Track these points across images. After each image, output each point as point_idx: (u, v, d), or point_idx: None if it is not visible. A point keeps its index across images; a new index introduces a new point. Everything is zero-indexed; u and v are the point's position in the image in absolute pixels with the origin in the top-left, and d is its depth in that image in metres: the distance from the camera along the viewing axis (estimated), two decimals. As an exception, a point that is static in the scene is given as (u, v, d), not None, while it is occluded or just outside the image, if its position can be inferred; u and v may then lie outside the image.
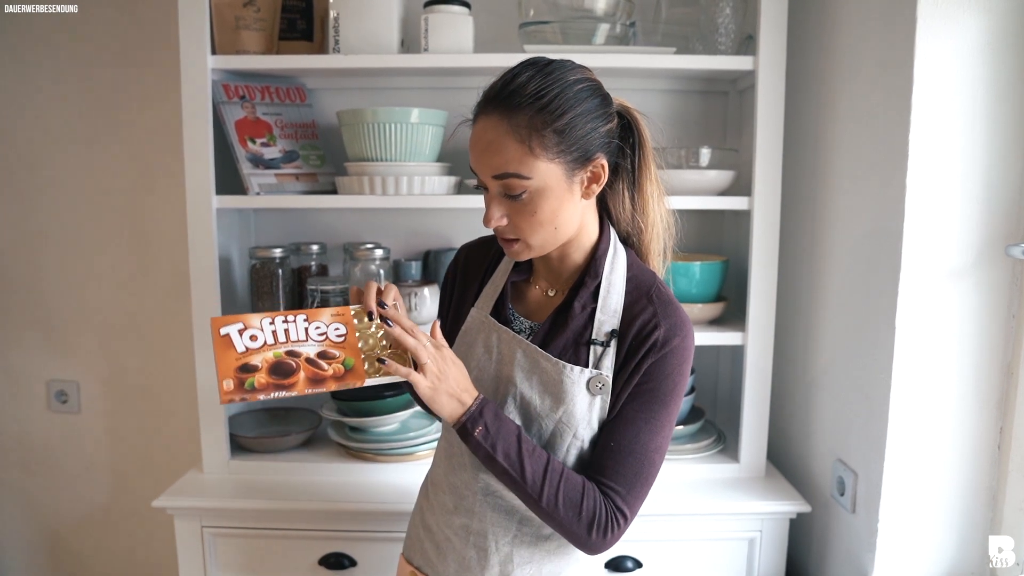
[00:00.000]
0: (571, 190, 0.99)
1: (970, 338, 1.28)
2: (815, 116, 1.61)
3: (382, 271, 1.69)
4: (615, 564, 1.53)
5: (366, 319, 1.02)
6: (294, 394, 0.95)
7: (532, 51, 1.59)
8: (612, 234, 1.09)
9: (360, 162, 1.63)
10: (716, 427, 1.81)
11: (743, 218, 1.67)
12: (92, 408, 2.09)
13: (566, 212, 1.00)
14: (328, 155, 1.79)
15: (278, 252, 1.69)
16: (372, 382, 0.98)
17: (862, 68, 1.41)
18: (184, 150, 1.55)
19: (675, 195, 1.60)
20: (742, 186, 1.66)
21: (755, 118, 1.54)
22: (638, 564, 1.53)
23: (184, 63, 1.54)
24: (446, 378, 0.97)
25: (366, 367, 0.98)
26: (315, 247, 1.79)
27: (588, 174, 1.00)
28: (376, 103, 1.75)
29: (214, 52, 1.58)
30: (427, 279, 1.81)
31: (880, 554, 1.34)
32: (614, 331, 1.03)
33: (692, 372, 1.73)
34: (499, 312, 1.10)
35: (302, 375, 0.95)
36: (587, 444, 1.04)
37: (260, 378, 0.94)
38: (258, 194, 1.62)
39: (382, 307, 0.99)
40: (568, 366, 1.02)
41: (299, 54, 1.68)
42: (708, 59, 1.59)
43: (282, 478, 1.65)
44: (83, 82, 1.94)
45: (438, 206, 1.62)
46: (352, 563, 1.55)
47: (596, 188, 1.02)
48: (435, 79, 1.78)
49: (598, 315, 1.04)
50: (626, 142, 1.05)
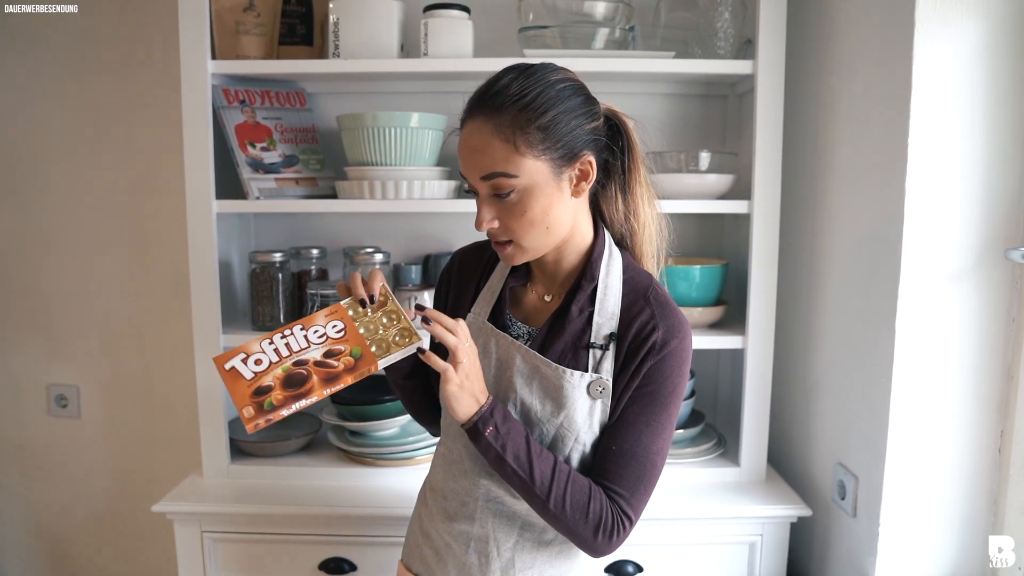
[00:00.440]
0: (560, 188, 0.99)
1: (970, 341, 1.28)
2: (814, 119, 1.62)
3: (384, 275, 1.69)
4: (616, 568, 1.52)
5: (360, 309, 1.03)
6: (315, 399, 0.95)
7: (531, 55, 1.59)
8: (606, 237, 1.09)
9: (360, 166, 1.63)
10: (716, 431, 1.81)
11: (743, 222, 1.67)
12: (92, 413, 2.09)
13: (557, 211, 1.00)
14: (328, 159, 1.80)
15: (278, 256, 1.69)
16: (385, 363, 0.99)
17: (861, 72, 1.42)
18: (184, 154, 1.56)
19: (675, 199, 1.62)
20: (742, 190, 1.66)
21: (754, 122, 1.55)
22: (639, 568, 1.53)
23: (184, 68, 1.54)
24: (473, 378, 0.98)
25: (374, 350, 0.99)
26: (315, 251, 1.79)
27: (576, 172, 1.00)
28: (376, 107, 1.75)
29: (214, 57, 1.59)
30: (427, 283, 1.81)
31: (881, 558, 1.33)
32: (612, 334, 1.03)
33: (692, 376, 1.73)
34: (496, 317, 1.10)
35: (315, 379, 0.96)
36: (589, 448, 1.04)
37: (276, 395, 0.94)
38: (258, 198, 1.62)
39: (371, 300, 1.03)
40: (568, 371, 1.02)
41: (299, 59, 1.69)
42: (707, 63, 1.60)
43: (282, 482, 1.65)
44: (84, 87, 1.95)
45: (438, 210, 1.63)
46: (352, 567, 1.55)
47: (585, 186, 1.02)
48: (435, 83, 1.79)
49: (596, 318, 1.04)
50: (615, 145, 1.06)
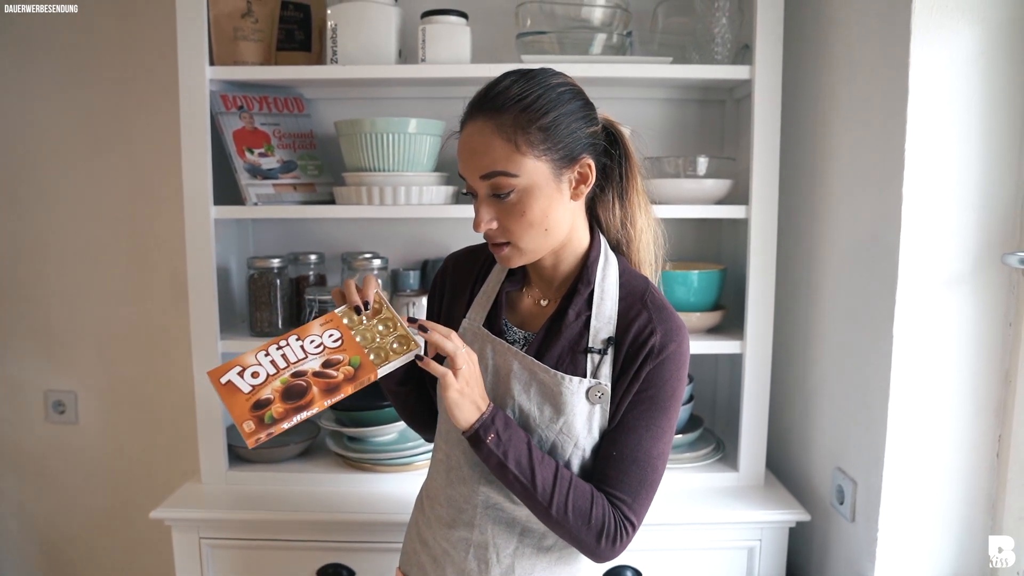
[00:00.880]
0: (560, 190, 1.00)
1: (967, 346, 1.28)
2: (812, 124, 1.62)
3: (380, 280, 1.68)
4: (615, 574, 1.52)
5: (355, 317, 1.02)
6: (316, 410, 0.94)
7: (529, 61, 1.59)
8: (603, 241, 1.09)
9: (358, 172, 1.63)
10: (715, 435, 1.81)
11: (741, 226, 1.67)
12: (90, 419, 2.08)
13: (556, 213, 1.00)
14: (326, 165, 1.80)
15: (276, 262, 1.69)
16: (384, 371, 0.98)
17: (858, 77, 1.42)
18: (182, 160, 1.56)
19: (673, 204, 1.62)
20: (739, 194, 1.67)
21: (752, 127, 1.55)
22: (637, 574, 1.53)
23: (182, 74, 1.54)
24: (474, 384, 0.98)
25: (372, 358, 0.99)
26: (313, 257, 1.79)
27: (575, 174, 1.01)
28: (374, 113, 1.75)
29: (212, 63, 1.59)
30: (425, 288, 1.81)
31: (880, 563, 1.33)
32: (610, 338, 1.03)
33: (691, 380, 1.73)
34: (492, 323, 1.10)
35: (315, 390, 0.95)
36: (588, 453, 1.04)
37: (276, 408, 0.93)
38: (256, 204, 1.62)
39: (365, 306, 1.03)
40: (567, 377, 1.02)
41: (297, 64, 1.69)
42: (705, 68, 1.60)
43: (280, 488, 1.64)
44: (82, 93, 1.95)
45: (436, 216, 1.63)
46: (351, 574, 1.54)
47: (584, 189, 1.02)
48: (433, 89, 1.79)
49: (593, 322, 1.04)
50: (612, 154, 1.06)
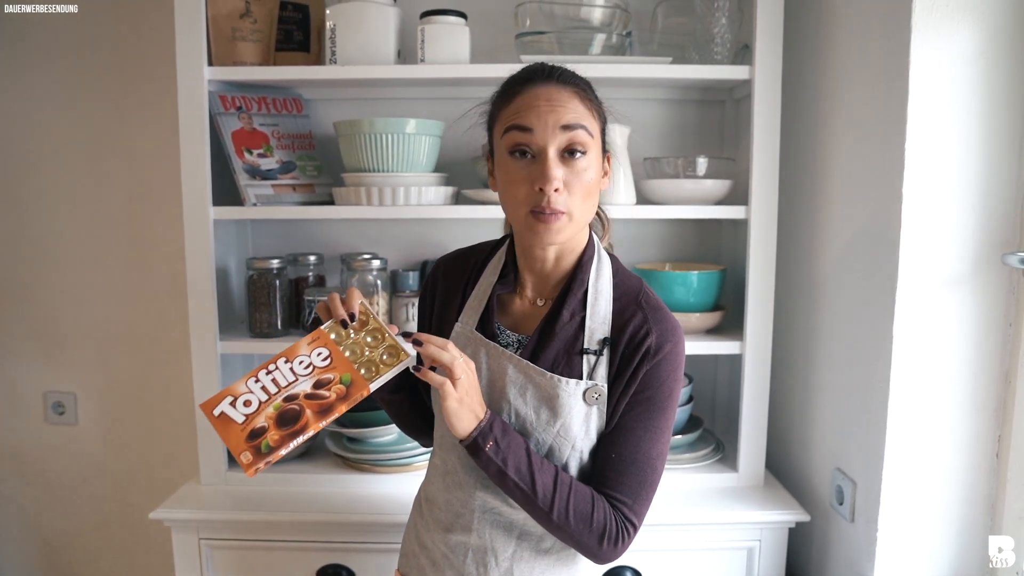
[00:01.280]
0: (600, 169, 1.03)
1: (967, 346, 1.28)
2: (811, 125, 1.62)
3: (379, 281, 1.69)
4: (614, 574, 1.52)
5: (342, 331, 1.02)
6: (311, 433, 0.94)
7: (528, 61, 1.58)
8: (596, 241, 1.09)
9: (357, 172, 1.63)
10: (715, 436, 1.81)
11: (740, 227, 1.67)
12: (89, 420, 2.08)
13: (597, 192, 1.03)
14: (325, 166, 1.79)
15: (275, 263, 1.68)
16: (376, 385, 0.98)
17: (858, 77, 1.42)
18: (181, 161, 1.56)
19: (672, 204, 1.62)
20: (739, 195, 1.67)
21: (752, 127, 1.55)
22: (637, 574, 1.53)
23: (181, 74, 1.54)
24: (472, 392, 0.97)
25: (363, 373, 0.98)
26: (312, 258, 1.78)
27: (604, 166, 1.05)
28: (373, 114, 1.75)
29: (211, 63, 1.58)
30: (425, 289, 1.81)
31: (879, 563, 1.33)
32: (606, 339, 1.03)
33: (690, 381, 1.73)
34: (484, 326, 1.08)
35: (309, 412, 0.95)
36: (586, 455, 1.04)
37: (272, 436, 0.93)
38: (255, 205, 1.62)
39: (351, 318, 1.03)
40: (563, 380, 1.01)
41: (296, 65, 1.68)
42: (704, 68, 1.60)
43: (280, 489, 1.64)
44: (80, 93, 1.94)
45: (435, 216, 1.62)
46: (350, 574, 1.54)
47: (604, 183, 1.05)
48: (432, 89, 1.79)
49: (588, 323, 1.03)
50: None
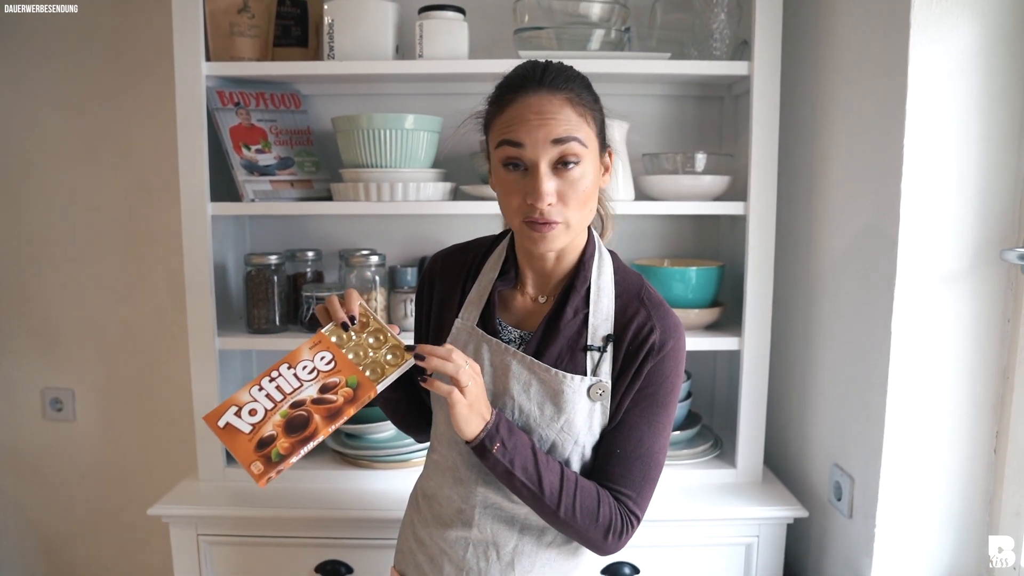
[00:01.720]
0: (597, 173, 1.01)
1: (966, 342, 1.28)
2: (810, 121, 1.62)
3: (377, 277, 1.68)
4: (613, 570, 1.52)
5: (343, 334, 1.02)
6: (321, 438, 0.93)
7: (527, 57, 1.58)
8: (596, 238, 1.09)
9: (355, 168, 1.63)
10: (713, 432, 1.81)
11: (739, 223, 1.67)
12: (87, 416, 2.08)
13: (595, 196, 1.01)
14: (323, 161, 1.79)
15: (273, 259, 1.68)
16: (383, 385, 0.98)
17: (857, 73, 1.42)
18: (179, 157, 1.55)
19: (671, 200, 1.62)
20: (738, 191, 1.66)
21: (750, 123, 1.55)
22: (635, 570, 1.53)
23: (178, 70, 1.54)
24: (480, 397, 0.96)
25: (368, 375, 0.98)
26: (310, 254, 1.78)
27: (605, 161, 1.03)
28: (371, 109, 1.74)
29: (208, 59, 1.58)
30: (423, 285, 1.80)
31: (877, 558, 1.33)
32: (609, 335, 1.03)
33: (689, 377, 1.73)
34: (486, 322, 1.08)
35: (317, 418, 0.94)
36: (588, 450, 1.04)
37: (282, 444, 0.92)
38: (253, 201, 1.61)
39: (352, 321, 1.02)
40: (568, 376, 1.01)
41: (294, 60, 1.68)
42: (703, 64, 1.59)
43: (278, 485, 1.63)
44: (78, 89, 1.94)
45: (434, 212, 1.62)
46: (348, 570, 1.54)
47: (606, 180, 1.04)
48: (430, 85, 1.78)
49: (591, 320, 1.03)
50: None
